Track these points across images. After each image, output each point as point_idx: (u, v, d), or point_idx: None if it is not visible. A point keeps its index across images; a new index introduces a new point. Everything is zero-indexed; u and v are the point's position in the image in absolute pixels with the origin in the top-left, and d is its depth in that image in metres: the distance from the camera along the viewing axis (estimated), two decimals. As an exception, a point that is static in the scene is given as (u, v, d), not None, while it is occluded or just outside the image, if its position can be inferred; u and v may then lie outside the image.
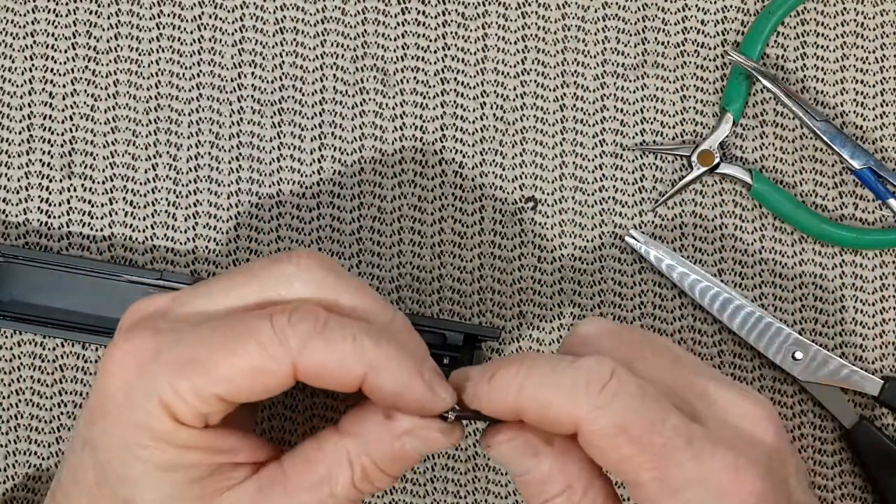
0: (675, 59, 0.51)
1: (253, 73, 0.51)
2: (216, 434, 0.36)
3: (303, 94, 0.51)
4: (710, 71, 0.51)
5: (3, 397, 0.49)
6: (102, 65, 0.51)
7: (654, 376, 0.36)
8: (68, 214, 0.50)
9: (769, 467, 0.35)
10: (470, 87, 0.51)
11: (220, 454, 0.36)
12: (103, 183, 0.50)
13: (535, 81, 0.51)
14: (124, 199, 0.50)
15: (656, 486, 0.34)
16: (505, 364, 0.35)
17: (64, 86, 0.50)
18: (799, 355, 0.49)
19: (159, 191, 0.50)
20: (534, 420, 0.35)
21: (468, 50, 0.51)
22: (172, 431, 0.35)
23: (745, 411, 0.36)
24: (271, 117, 0.51)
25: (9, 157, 0.50)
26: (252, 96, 0.51)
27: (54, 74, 0.50)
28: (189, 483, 0.36)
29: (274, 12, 0.51)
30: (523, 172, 0.51)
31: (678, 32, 0.51)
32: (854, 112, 0.51)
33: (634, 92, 0.51)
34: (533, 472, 0.36)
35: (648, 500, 0.34)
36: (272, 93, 0.51)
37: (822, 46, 0.51)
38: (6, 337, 0.49)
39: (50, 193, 0.50)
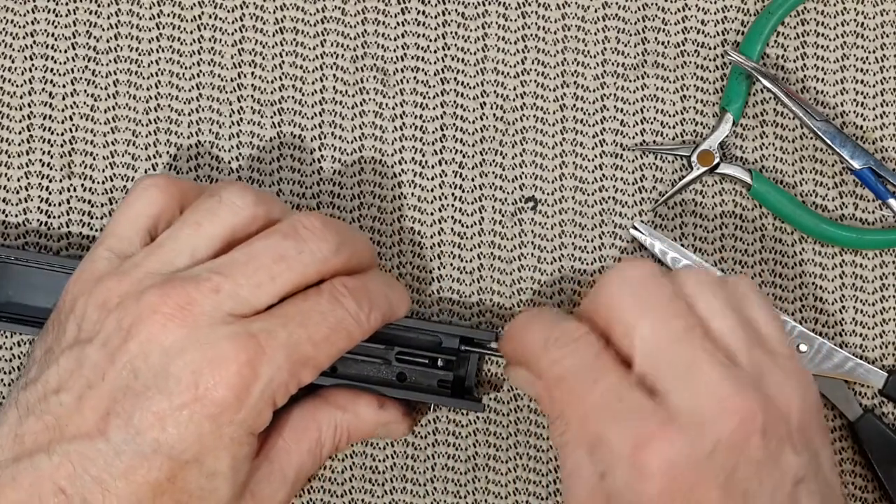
0: (675, 59, 0.51)
1: (253, 73, 0.51)
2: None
3: (303, 94, 0.51)
4: (710, 71, 0.51)
5: (3, 397, 0.49)
6: (102, 65, 0.51)
7: (650, 339, 0.39)
8: (68, 214, 0.50)
9: (705, 450, 0.37)
10: (470, 87, 0.51)
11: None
12: (103, 183, 0.50)
13: (535, 81, 0.51)
14: (124, 199, 0.50)
15: (581, 442, 0.39)
16: (518, 317, 0.44)
17: (64, 86, 0.50)
18: (804, 348, 0.49)
19: (159, 191, 0.50)
20: (521, 361, 0.42)
21: (468, 50, 0.51)
22: (267, 420, 0.40)
23: (718, 399, 0.37)
24: (271, 117, 0.51)
25: (9, 157, 0.50)
26: (252, 96, 0.51)
27: (54, 74, 0.50)
28: (250, 456, 0.41)
29: (274, 12, 0.51)
30: (523, 172, 0.51)
31: (678, 32, 0.51)
32: (854, 112, 0.51)
33: (634, 92, 0.51)
34: (537, 398, 0.42)
35: (572, 440, 0.39)
36: (272, 93, 0.51)
37: (822, 46, 0.51)
38: (6, 337, 0.49)
39: (50, 193, 0.50)
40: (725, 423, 0.37)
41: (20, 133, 0.50)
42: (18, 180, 0.50)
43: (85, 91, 0.50)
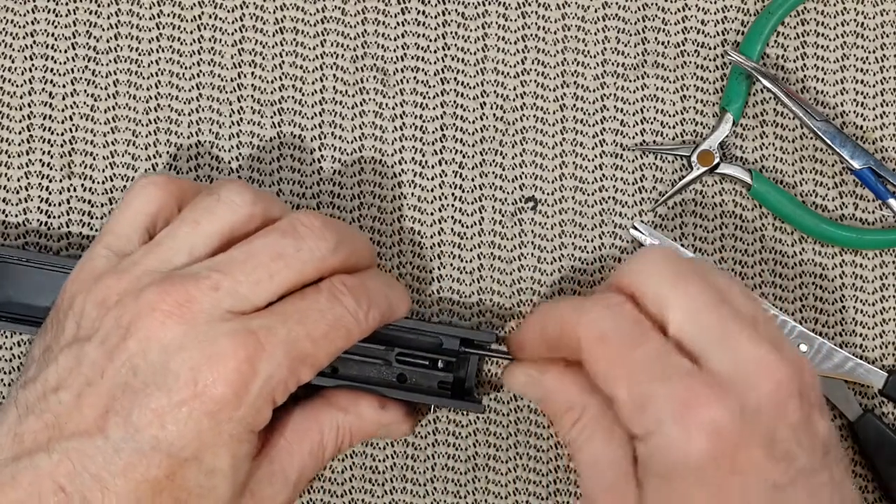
0: (675, 59, 0.51)
1: (253, 73, 0.51)
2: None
3: (303, 94, 0.51)
4: (710, 71, 0.51)
5: (4, 397, 0.49)
6: (102, 65, 0.51)
7: (686, 307, 0.39)
8: (68, 214, 0.50)
9: (749, 411, 0.37)
10: (470, 87, 0.51)
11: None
12: (103, 183, 0.50)
13: (535, 81, 0.51)
14: (124, 198, 0.50)
15: (628, 400, 0.38)
16: (540, 305, 0.44)
17: (64, 86, 0.50)
18: (804, 348, 0.49)
19: (159, 191, 0.50)
20: (552, 333, 0.41)
21: (468, 50, 0.51)
22: (267, 417, 0.40)
23: (757, 362, 0.38)
24: (271, 117, 0.51)
25: (9, 157, 0.50)
26: (252, 96, 0.51)
27: (54, 74, 0.50)
28: (250, 454, 0.41)
29: (274, 12, 0.51)
30: (523, 172, 0.51)
31: (678, 32, 0.51)
32: (854, 112, 0.51)
33: (634, 92, 0.51)
34: (542, 396, 0.43)
35: (624, 417, 0.39)
36: (272, 93, 0.51)
37: (822, 46, 0.51)
38: (6, 337, 0.49)
39: (50, 193, 0.50)
40: (766, 384, 0.38)
41: (20, 133, 0.50)
42: (18, 180, 0.50)
43: (85, 91, 0.50)
